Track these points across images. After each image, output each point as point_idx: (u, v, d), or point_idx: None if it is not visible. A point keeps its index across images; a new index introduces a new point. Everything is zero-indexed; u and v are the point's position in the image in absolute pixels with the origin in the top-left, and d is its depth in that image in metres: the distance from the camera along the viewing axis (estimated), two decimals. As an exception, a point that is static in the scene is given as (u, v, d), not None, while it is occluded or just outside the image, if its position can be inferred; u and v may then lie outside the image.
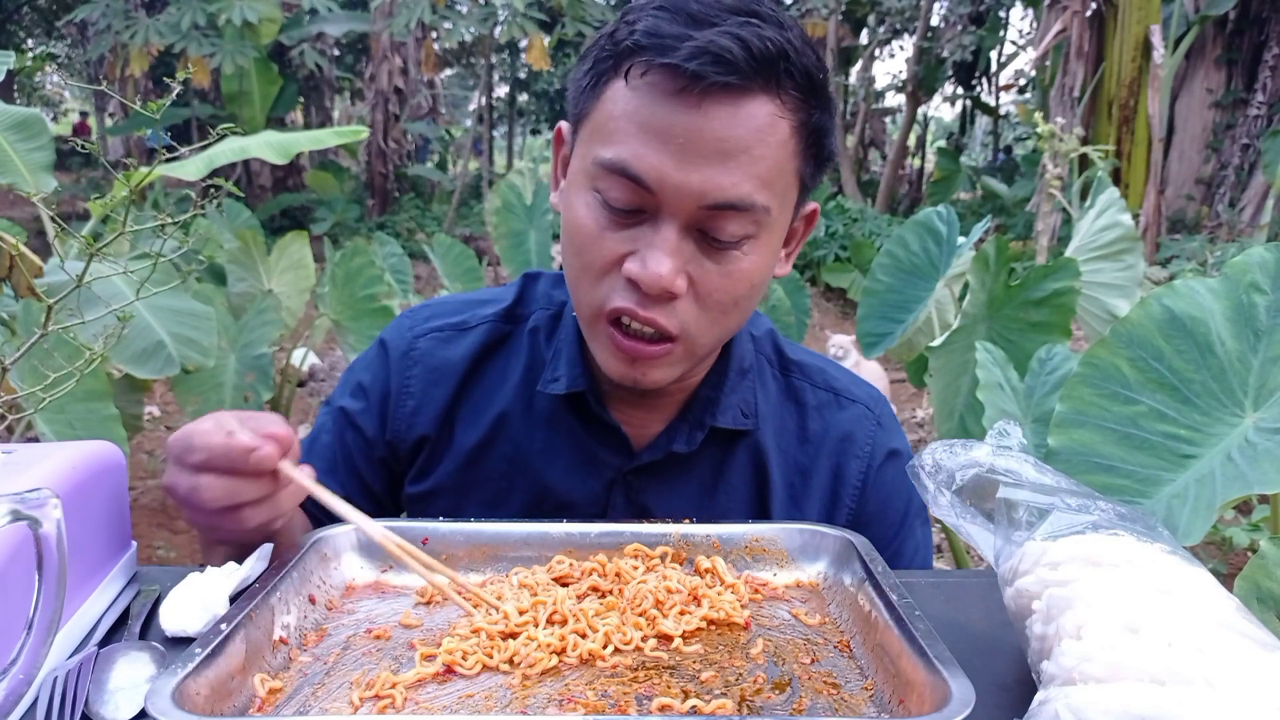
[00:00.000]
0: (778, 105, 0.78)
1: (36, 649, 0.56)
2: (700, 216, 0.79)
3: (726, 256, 0.81)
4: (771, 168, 0.79)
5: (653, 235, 0.79)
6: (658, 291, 0.79)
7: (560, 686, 0.64)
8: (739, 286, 0.82)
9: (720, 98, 0.76)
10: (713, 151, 0.76)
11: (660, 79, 0.76)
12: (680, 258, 0.79)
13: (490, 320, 1.02)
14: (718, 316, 0.84)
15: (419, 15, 10.20)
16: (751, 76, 0.76)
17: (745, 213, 0.79)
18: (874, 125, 15.88)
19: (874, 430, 1.01)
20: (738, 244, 0.80)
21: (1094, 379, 1.38)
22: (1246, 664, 0.51)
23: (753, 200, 0.78)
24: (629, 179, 0.78)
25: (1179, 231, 9.30)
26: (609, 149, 0.79)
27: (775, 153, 0.79)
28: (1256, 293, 1.28)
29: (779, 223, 0.84)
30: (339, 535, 0.81)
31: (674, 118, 0.76)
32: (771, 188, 0.80)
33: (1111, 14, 9.24)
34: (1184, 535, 1.22)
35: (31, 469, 0.69)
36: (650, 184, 0.77)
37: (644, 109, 0.77)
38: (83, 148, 0.88)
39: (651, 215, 0.79)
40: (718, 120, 0.76)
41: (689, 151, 0.76)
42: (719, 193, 0.77)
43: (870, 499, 0.99)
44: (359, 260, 3.91)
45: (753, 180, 0.78)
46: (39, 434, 2.27)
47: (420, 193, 13.78)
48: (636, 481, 0.96)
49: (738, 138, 0.76)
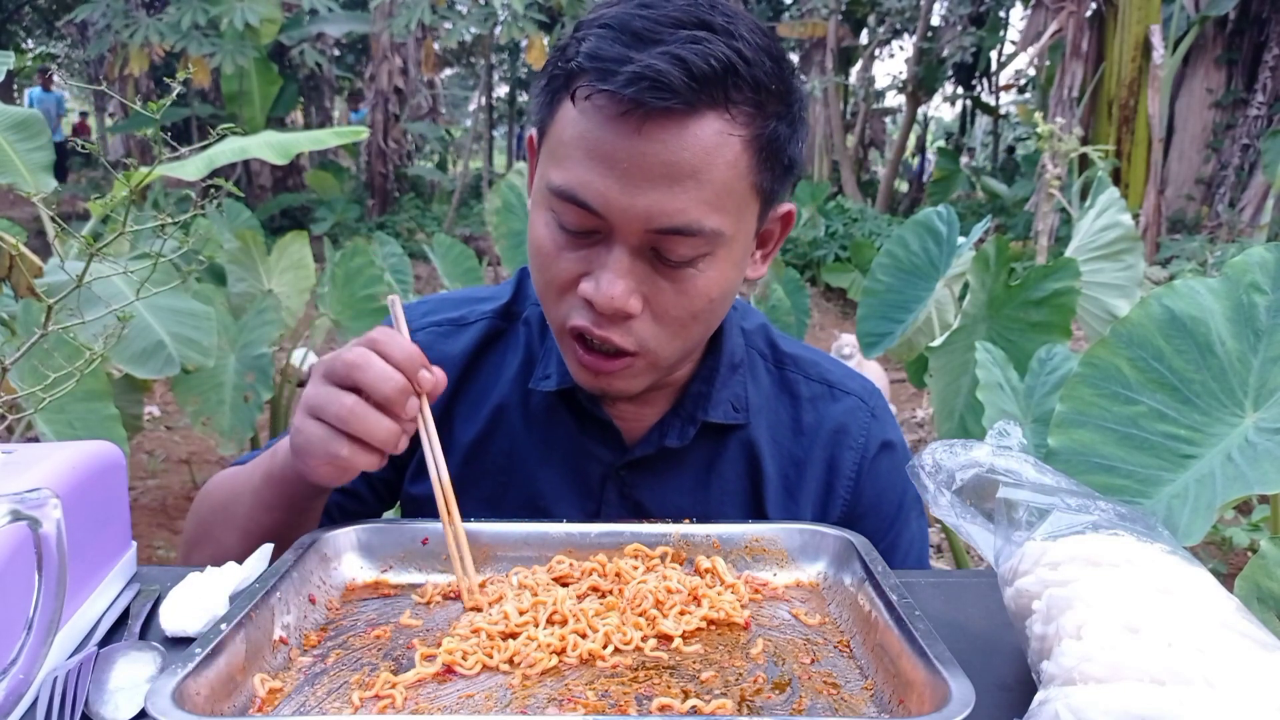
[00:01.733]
0: (725, 122, 0.76)
1: (36, 649, 0.56)
2: (649, 239, 0.78)
3: (681, 275, 0.80)
4: (720, 190, 0.78)
5: (605, 256, 0.79)
6: (610, 313, 0.80)
7: (560, 686, 0.64)
8: (696, 303, 0.82)
9: (662, 121, 0.74)
10: (658, 176, 0.75)
11: (604, 103, 0.75)
12: (633, 278, 0.79)
13: (488, 316, 1.03)
14: (677, 331, 0.84)
15: (419, 16, 10.20)
16: (694, 97, 0.74)
17: (695, 236, 0.78)
18: (874, 125, 15.88)
19: (868, 422, 1.01)
20: (691, 263, 0.80)
21: (1094, 379, 1.38)
22: (1246, 664, 0.51)
23: (700, 225, 0.77)
24: (578, 205, 0.78)
25: (1179, 231, 9.31)
26: (559, 174, 0.79)
27: (724, 174, 0.77)
28: (1256, 293, 1.28)
29: (737, 238, 0.82)
30: (339, 535, 0.81)
31: (617, 143, 0.75)
32: (722, 209, 0.78)
33: (1111, 14, 9.25)
34: (1184, 535, 1.22)
35: (31, 469, 0.69)
36: (597, 209, 0.77)
37: (589, 134, 0.77)
38: (83, 148, 0.88)
39: (604, 237, 0.80)
40: (661, 144, 0.75)
41: (633, 176, 0.75)
42: (665, 218, 0.77)
43: (865, 491, 1.00)
44: (359, 260, 3.91)
45: (700, 205, 0.77)
46: (39, 434, 2.27)
47: (420, 193, 13.78)
48: (629, 477, 0.96)
49: (682, 161, 0.75)
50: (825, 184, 11.76)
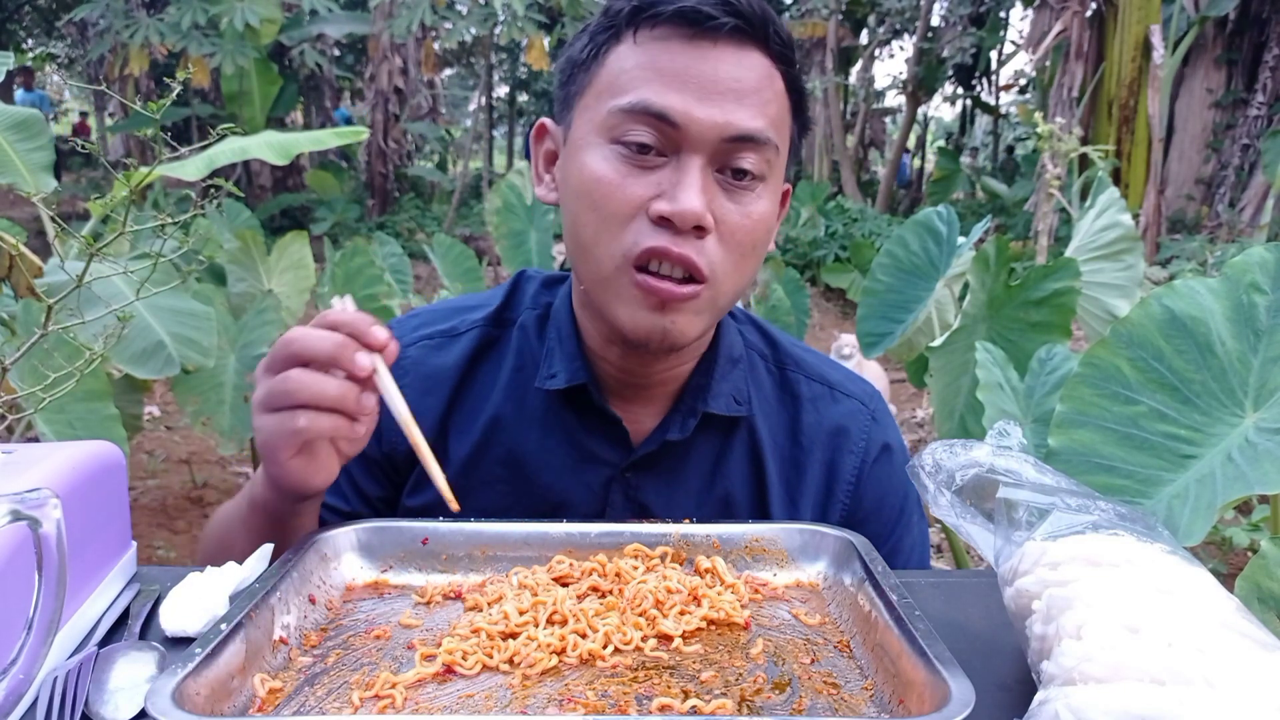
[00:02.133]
0: (769, 61, 0.85)
1: (36, 649, 0.56)
2: (722, 151, 0.82)
3: (744, 197, 0.84)
4: (777, 112, 0.85)
5: (678, 175, 0.82)
6: (691, 226, 0.81)
7: (560, 686, 0.64)
8: (757, 229, 0.86)
9: (728, 44, 0.82)
10: (728, 89, 0.82)
11: (669, 30, 0.83)
12: (707, 194, 0.82)
13: (479, 325, 1.01)
14: (738, 260, 0.86)
15: (419, 16, 10.20)
16: (750, 30, 0.83)
17: (762, 147, 0.83)
18: (874, 125, 15.89)
19: (868, 425, 1.00)
20: (753, 184, 0.85)
21: (1094, 379, 1.38)
22: (1246, 664, 0.51)
23: (768, 135, 0.83)
24: (653, 116, 0.81)
25: (1179, 231, 9.31)
26: (627, 96, 0.83)
27: (778, 100, 0.86)
28: (1256, 293, 1.28)
29: (778, 175, 0.88)
30: (339, 535, 0.81)
31: (689, 61, 0.82)
32: (779, 129, 0.86)
33: (1111, 14, 9.25)
34: (1185, 535, 1.22)
35: (31, 469, 0.69)
36: (676, 118, 0.81)
37: (659, 57, 0.83)
38: (83, 148, 0.88)
39: (674, 155, 0.82)
40: (729, 63, 0.82)
41: (707, 89, 0.81)
42: (740, 124, 0.82)
43: (865, 495, 0.99)
44: (359, 260, 3.91)
45: (765, 118, 0.83)
46: (39, 434, 2.27)
47: (420, 193, 13.78)
48: (634, 478, 0.96)
49: (748, 79, 0.83)
50: (825, 184, 11.77)
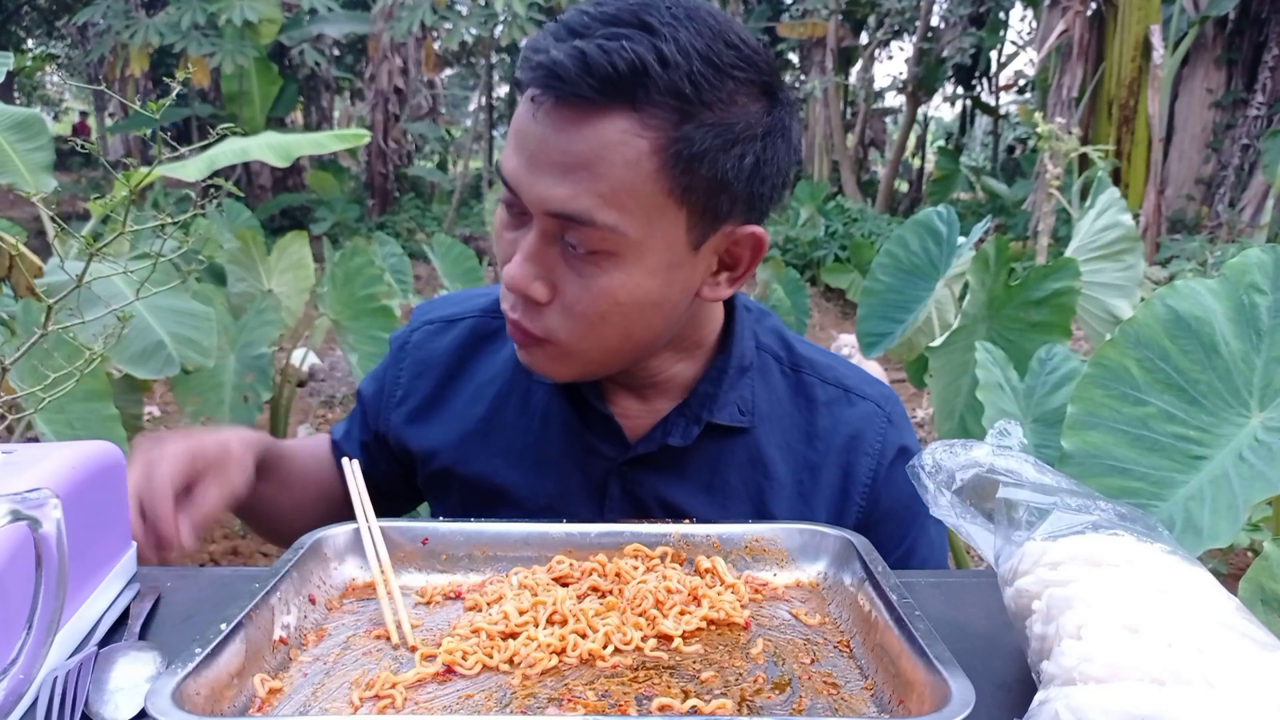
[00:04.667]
0: (632, 122, 0.75)
1: (36, 649, 0.56)
2: (552, 224, 0.80)
3: (585, 270, 0.80)
4: (617, 187, 0.76)
5: (523, 239, 0.82)
6: (516, 293, 0.83)
7: (560, 686, 0.64)
8: (601, 302, 0.81)
9: (566, 112, 0.76)
10: (555, 163, 0.77)
11: (531, 89, 0.79)
12: (540, 264, 0.81)
13: (476, 314, 1.06)
14: (587, 328, 0.83)
15: (420, 17, 10.20)
16: (591, 92, 0.74)
17: (588, 226, 0.77)
18: (874, 125, 15.88)
19: (884, 428, 1.00)
20: (594, 258, 0.79)
21: (1104, 379, 1.37)
22: (1246, 664, 0.51)
23: (592, 216, 0.77)
24: (503, 180, 0.82)
25: (1179, 231, 9.31)
26: (503, 155, 0.84)
27: (622, 172, 0.76)
28: (1257, 293, 1.28)
29: (650, 244, 0.79)
30: (339, 535, 0.81)
31: (529, 127, 0.79)
32: (621, 207, 0.77)
33: (1111, 14, 9.25)
34: (1210, 539, 1.20)
35: (31, 469, 0.69)
36: (513, 187, 0.81)
37: (518, 118, 0.82)
38: (83, 148, 0.88)
39: (528, 219, 0.82)
40: (562, 133, 0.77)
41: (536, 159, 0.78)
42: (557, 203, 0.78)
43: (881, 497, 0.99)
44: (359, 260, 3.90)
45: (592, 196, 0.76)
46: (39, 434, 2.27)
47: (420, 193, 13.78)
48: (632, 474, 0.96)
49: (578, 152, 0.76)
50: (825, 184, 11.77)
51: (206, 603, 0.77)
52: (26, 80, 18.98)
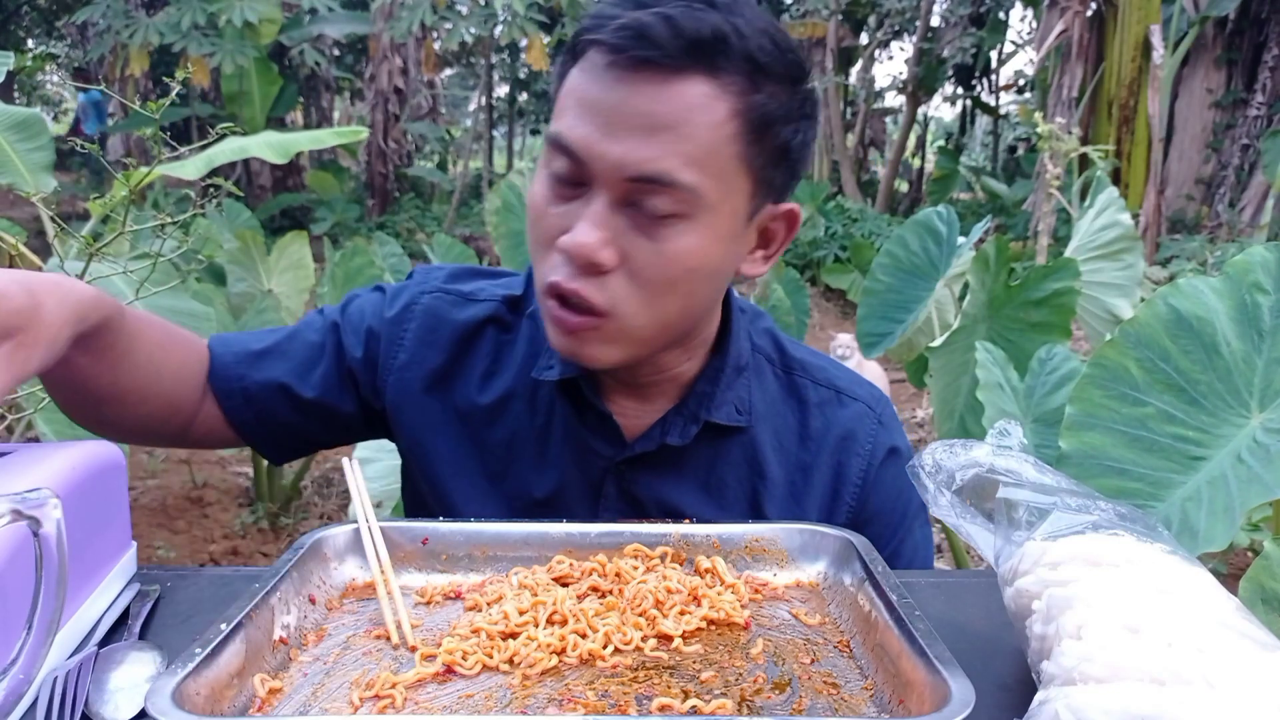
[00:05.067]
0: (712, 86, 0.78)
1: (36, 649, 0.56)
2: (628, 190, 0.79)
3: (658, 234, 0.80)
4: (701, 147, 0.78)
5: (584, 208, 0.80)
6: (582, 261, 0.80)
7: (560, 686, 0.64)
8: (672, 267, 0.81)
9: (648, 74, 0.77)
10: (637, 125, 0.77)
11: (597, 56, 0.79)
12: (608, 230, 0.80)
13: (495, 300, 1.03)
14: (652, 298, 0.83)
15: (420, 17, 10.19)
16: (679, 55, 0.77)
17: (669, 189, 0.78)
18: (874, 125, 15.87)
19: (875, 429, 1.01)
20: (668, 221, 0.80)
21: (1103, 380, 1.37)
22: (1246, 664, 0.51)
23: (675, 177, 0.78)
24: (563, 150, 0.80)
25: (1179, 231, 9.31)
26: (554, 125, 0.82)
27: (706, 133, 0.78)
28: (1259, 293, 1.28)
29: (721, 210, 0.82)
30: (339, 535, 0.81)
31: (604, 91, 0.78)
32: (702, 168, 0.79)
33: (1111, 14, 9.24)
34: (1205, 541, 1.20)
35: (31, 469, 0.69)
36: (578, 153, 0.79)
37: (582, 85, 0.81)
38: (83, 148, 0.88)
39: (587, 188, 0.81)
40: (643, 95, 0.77)
41: (614, 123, 0.78)
42: (640, 165, 0.77)
43: (871, 497, 0.99)
44: (359, 260, 3.91)
45: (677, 157, 0.78)
46: (39, 434, 2.27)
47: (420, 193, 13.77)
48: (629, 474, 0.96)
49: (662, 113, 0.77)
50: (825, 184, 11.76)
51: (206, 603, 0.77)
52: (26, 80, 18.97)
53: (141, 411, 0.91)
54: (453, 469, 1.00)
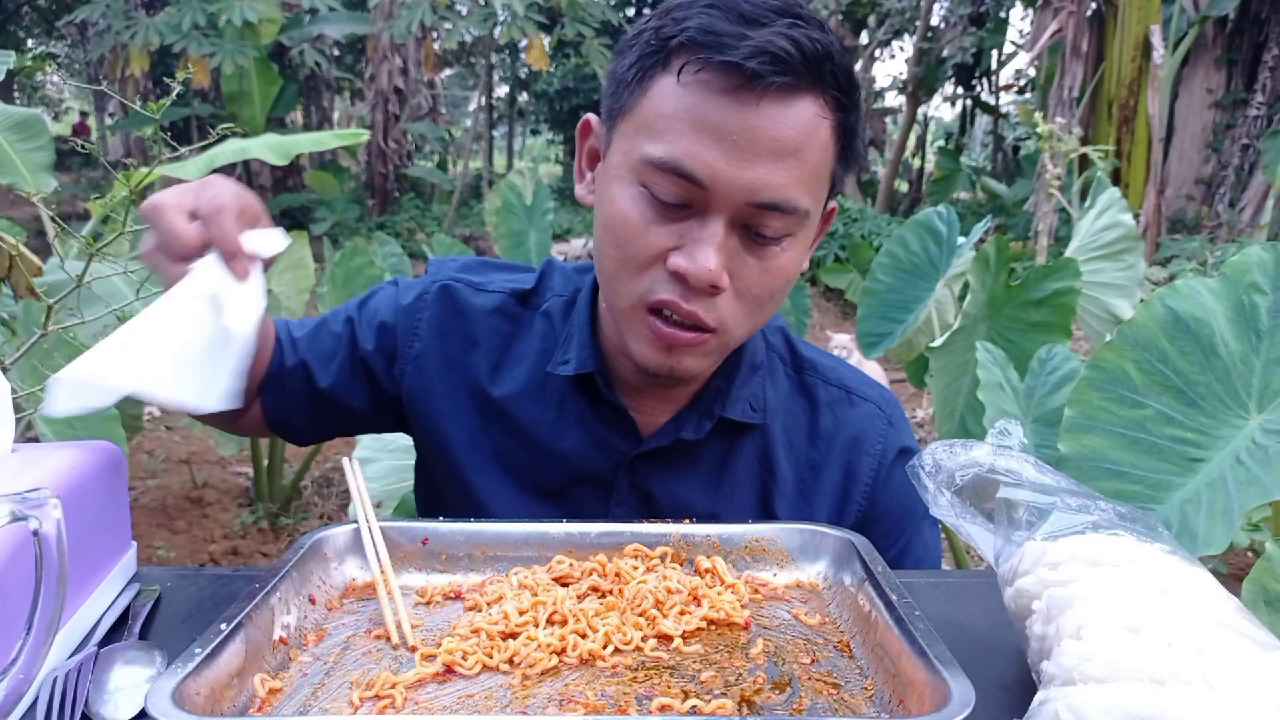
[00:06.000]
0: (820, 106, 0.80)
1: (36, 649, 0.56)
2: (746, 214, 0.80)
3: (767, 253, 0.83)
4: (814, 170, 0.81)
5: (700, 230, 0.80)
6: (705, 286, 0.81)
7: (560, 686, 0.64)
8: (775, 282, 0.85)
9: (775, 98, 0.77)
10: (765, 151, 0.78)
11: (715, 77, 0.77)
12: (725, 254, 0.81)
13: (505, 293, 1.04)
14: (753, 310, 0.86)
15: (419, 17, 10.19)
16: (802, 77, 0.77)
17: (789, 214, 0.81)
18: (874, 125, 15.87)
19: (885, 429, 1.01)
20: (779, 241, 0.83)
21: (1101, 382, 1.37)
22: (1246, 664, 0.51)
23: (796, 203, 0.80)
24: (681, 176, 0.79)
25: (1179, 231, 9.31)
26: (659, 146, 0.79)
27: (817, 155, 0.81)
28: (1257, 293, 1.28)
29: (813, 221, 0.86)
30: (339, 535, 0.81)
31: (729, 115, 0.77)
32: (812, 190, 0.82)
33: (1111, 14, 9.24)
34: (1205, 544, 1.20)
35: (31, 469, 0.69)
36: (703, 180, 0.78)
37: (698, 106, 0.78)
38: (83, 148, 0.88)
39: (699, 210, 0.81)
40: (771, 120, 0.77)
41: (743, 149, 0.77)
42: (769, 192, 0.79)
43: (880, 497, 1.00)
44: (359, 260, 3.91)
45: (798, 183, 0.80)
46: (39, 434, 2.27)
47: (420, 193, 13.77)
48: (643, 468, 0.97)
49: (789, 139, 0.78)
50: (825, 184, 11.74)
51: (206, 603, 0.77)
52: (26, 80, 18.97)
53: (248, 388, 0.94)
54: (469, 456, 1.01)
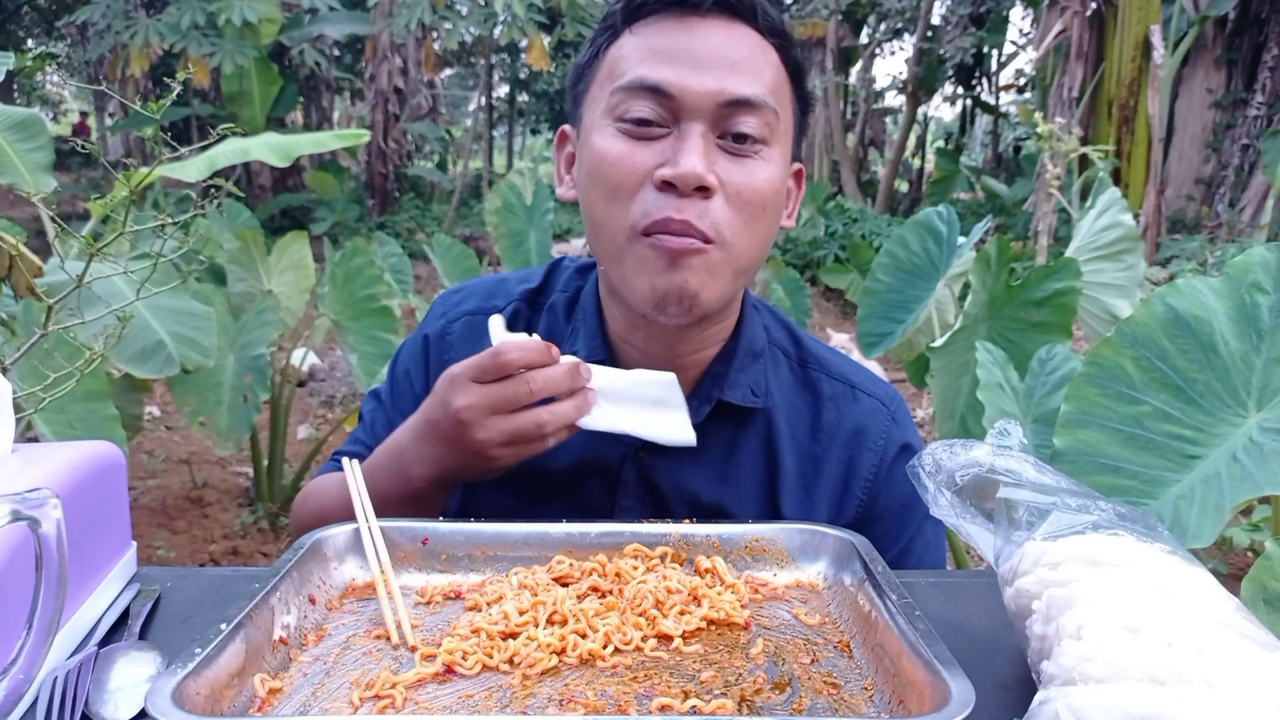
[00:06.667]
0: (760, 38, 0.89)
1: (36, 649, 0.56)
2: (720, 116, 0.86)
3: (747, 160, 0.87)
4: (773, 80, 0.89)
5: (679, 141, 0.85)
6: (693, 185, 0.84)
7: (560, 686, 0.64)
8: (763, 189, 0.88)
9: (717, 20, 0.87)
10: (721, 61, 0.86)
11: (663, 18, 0.88)
12: (708, 157, 0.85)
13: (515, 299, 1.07)
14: (748, 220, 0.88)
15: (419, 16, 10.19)
16: (739, 13, 0.88)
17: (759, 110, 0.86)
18: (874, 125, 15.87)
19: (888, 425, 1.02)
20: (756, 147, 0.87)
21: (1099, 379, 1.37)
22: (1246, 664, 0.51)
23: (764, 99, 0.86)
24: (649, 90, 0.85)
25: (1179, 231, 9.31)
26: (625, 78, 0.87)
27: (772, 71, 0.89)
28: (1259, 293, 1.28)
29: (785, 143, 0.91)
30: (339, 535, 0.81)
31: (681, 40, 0.86)
32: (777, 96, 0.89)
33: (1111, 14, 9.24)
34: (1194, 538, 1.21)
35: (31, 469, 0.69)
36: (671, 90, 0.85)
37: (651, 40, 0.87)
38: (83, 148, 0.88)
39: (674, 126, 0.86)
40: (720, 38, 0.87)
41: (700, 60, 0.86)
42: (733, 89, 0.85)
43: (882, 493, 1.00)
44: (359, 260, 3.90)
45: (760, 84, 0.87)
46: (39, 434, 2.27)
47: (420, 193, 13.78)
48: (648, 457, 0.98)
49: (739, 50, 0.87)
50: (825, 184, 11.76)
51: (206, 603, 0.77)
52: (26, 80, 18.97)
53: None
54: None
